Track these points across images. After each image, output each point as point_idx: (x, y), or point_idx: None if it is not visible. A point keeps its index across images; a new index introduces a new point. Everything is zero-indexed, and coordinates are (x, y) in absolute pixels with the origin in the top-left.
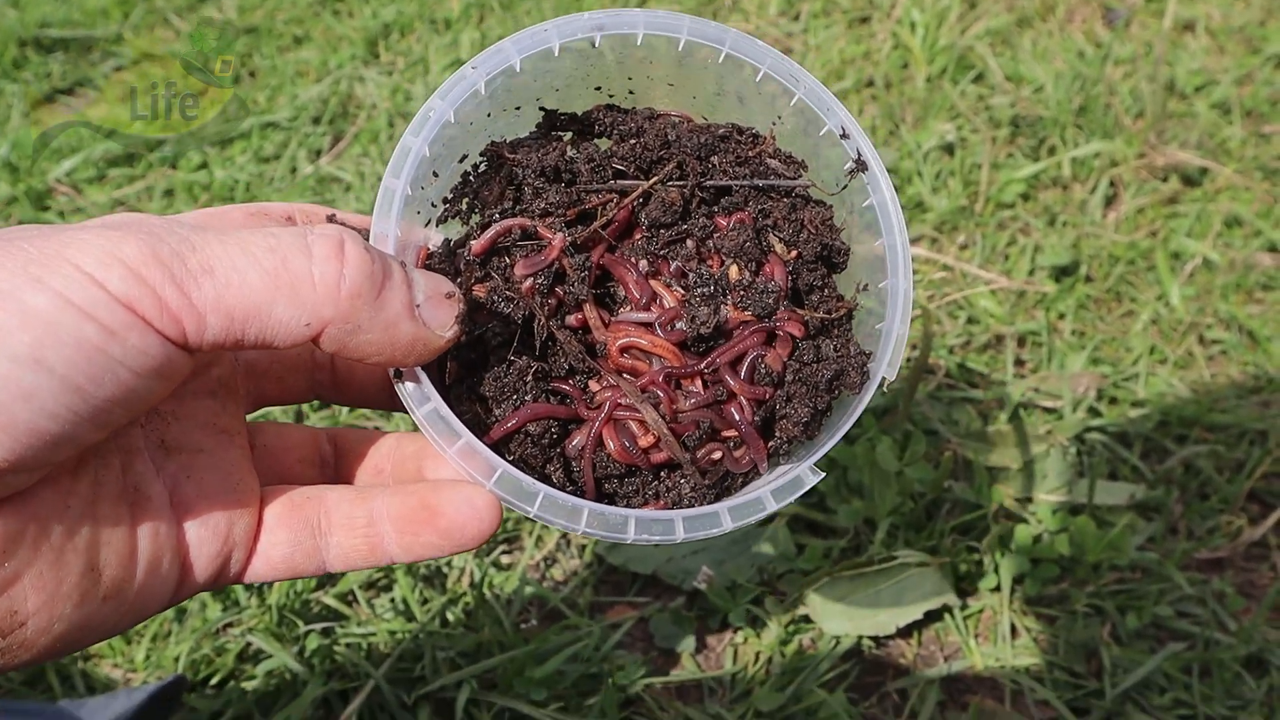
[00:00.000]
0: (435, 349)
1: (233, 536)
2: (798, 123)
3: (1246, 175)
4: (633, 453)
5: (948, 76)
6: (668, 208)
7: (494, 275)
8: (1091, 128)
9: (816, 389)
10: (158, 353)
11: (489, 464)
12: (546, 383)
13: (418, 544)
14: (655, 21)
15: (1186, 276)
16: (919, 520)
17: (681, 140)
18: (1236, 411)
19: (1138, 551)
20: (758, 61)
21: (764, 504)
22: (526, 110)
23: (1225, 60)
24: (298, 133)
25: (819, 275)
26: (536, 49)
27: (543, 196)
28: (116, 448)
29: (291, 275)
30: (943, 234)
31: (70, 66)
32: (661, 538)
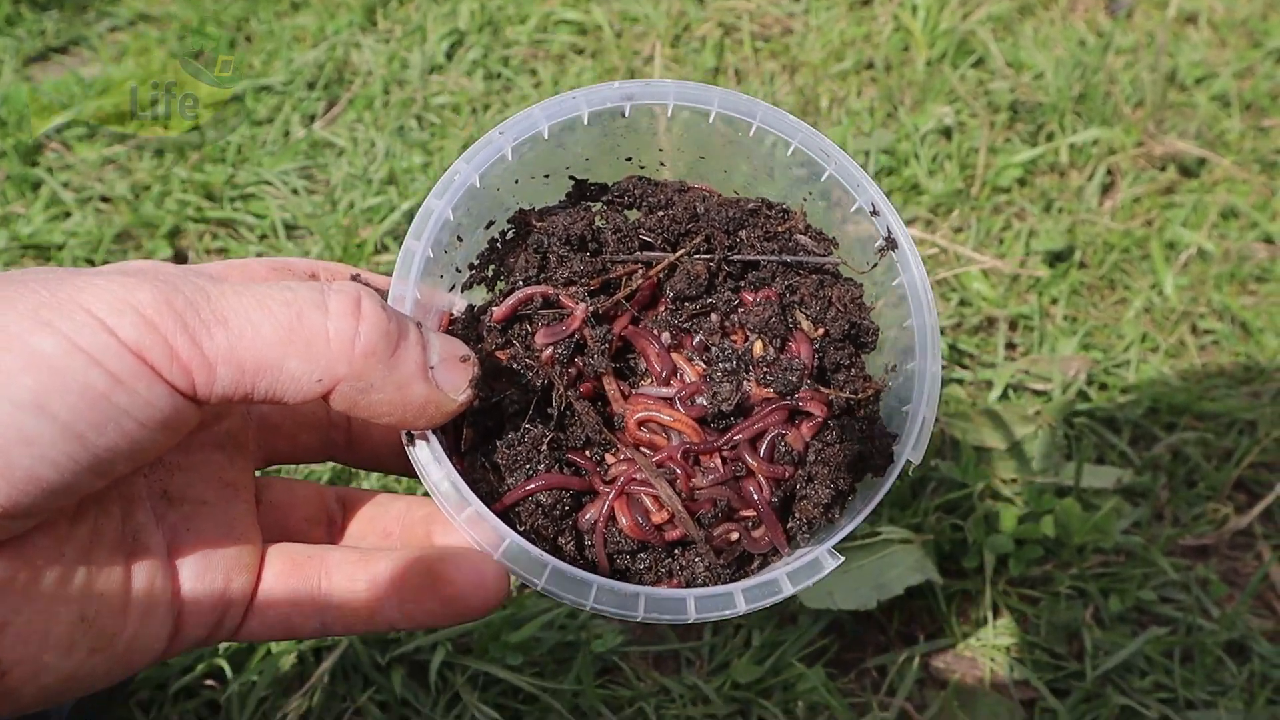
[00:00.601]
0: (448, 412)
1: (230, 592)
2: (828, 199)
3: (1244, 167)
4: (646, 529)
5: (948, 60)
6: (693, 280)
7: (515, 342)
8: (1091, 115)
9: (839, 470)
10: (165, 404)
11: (497, 533)
12: (561, 453)
13: (420, 611)
14: (685, 94)
15: (1181, 266)
16: (904, 498)
17: (710, 214)
18: (1226, 401)
19: (1123, 535)
20: (789, 136)
21: (780, 586)
22: (555, 178)
23: (1226, 53)
24: (292, 97)
25: (846, 354)
26: (564, 116)
27: (567, 265)
28: (117, 495)
29: (306, 330)
30: (938, 216)
31: (64, 25)
32: (672, 618)
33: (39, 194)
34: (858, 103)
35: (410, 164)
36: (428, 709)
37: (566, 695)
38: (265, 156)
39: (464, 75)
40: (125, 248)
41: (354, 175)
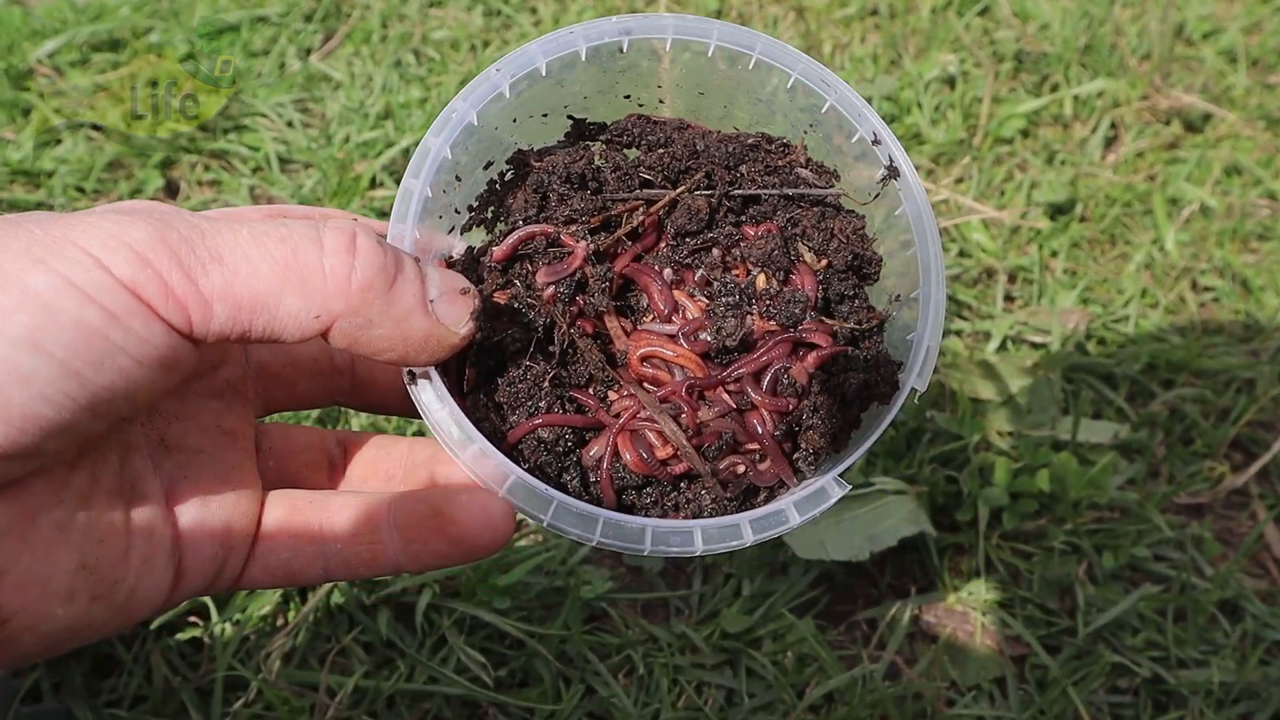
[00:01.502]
0: (450, 346)
1: (230, 540)
2: (829, 129)
3: (1249, 123)
4: (650, 464)
5: (954, 8)
6: (694, 215)
7: (515, 282)
8: (1096, 67)
9: (844, 400)
10: (161, 341)
11: (502, 470)
12: (564, 390)
13: (425, 552)
14: (684, 26)
15: (1183, 221)
16: (899, 449)
17: (710, 150)
18: (1225, 358)
19: (1118, 491)
20: (789, 68)
21: (787, 517)
22: (554, 118)
23: (1235, 7)
24: (288, 28)
25: (850, 285)
26: (562, 52)
27: (567, 203)
28: (114, 443)
29: (302, 266)
30: (939, 166)
31: None
32: (679, 550)
33: (29, 120)
34: (861, 49)
35: (408, 99)
36: (413, 651)
37: (554, 641)
38: (260, 88)
39: (463, 10)
40: (116, 176)
41: (350, 109)
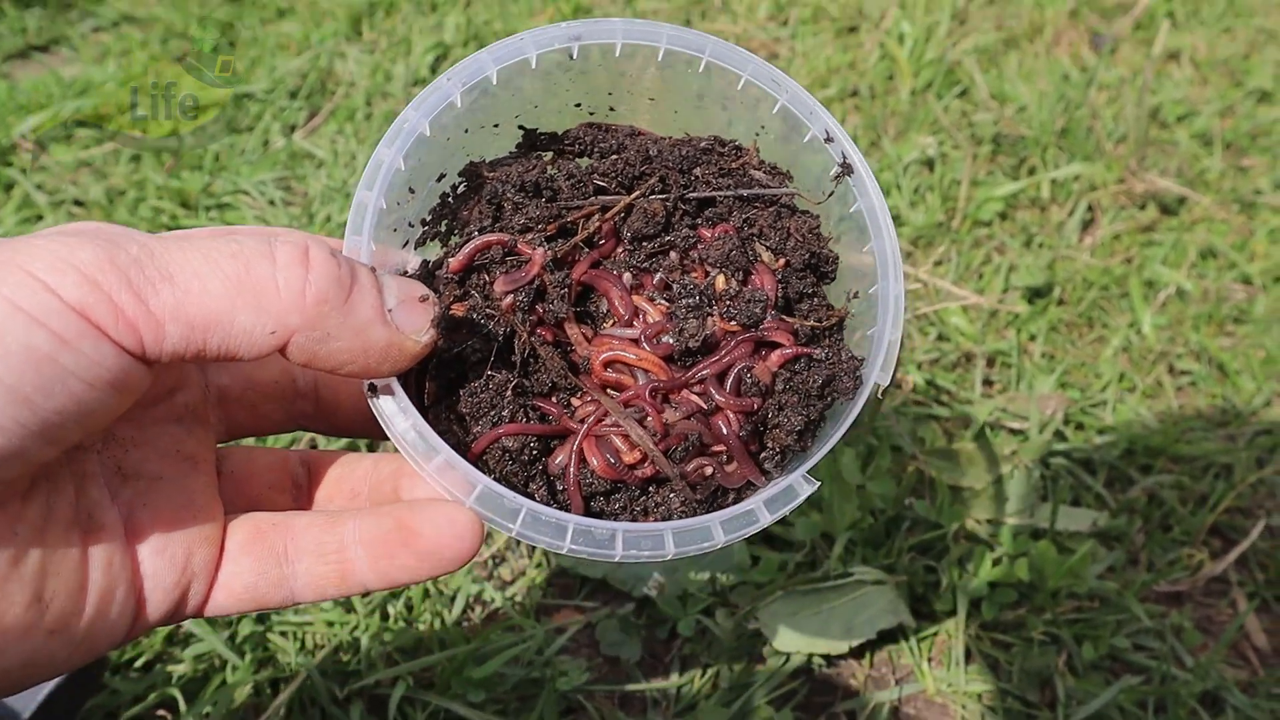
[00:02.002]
0: (412, 355)
1: (191, 566)
2: (781, 130)
3: (1224, 206)
4: (618, 468)
5: (933, 90)
6: (650, 219)
7: (473, 293)
8: (1073, 150)
9: (809, 396)
10: (113, 363)
11: (468, 480)
12: (527, 400)
13: (393, 568)
14: (634, 30)
15: (1159, 305)
16: (878, 537)
17: (663, 155)
18: (1203, 444)
19: (1097, 580)
20: (739, 69)
21: (757, 516)
22: (505, 128)
23: (1208, 91)
24: (273, 105)
25: (809, 283)
26: (512, 60)
27: (522, 212)
28: (70, 473)
29: (255, 282)
30: (918, 249)
31: (47, 23)
32: (651, 553)
33: (11, 195)
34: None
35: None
36: None
37: None
38: (244, 165)
39: None
40: None
41: (333, 188)
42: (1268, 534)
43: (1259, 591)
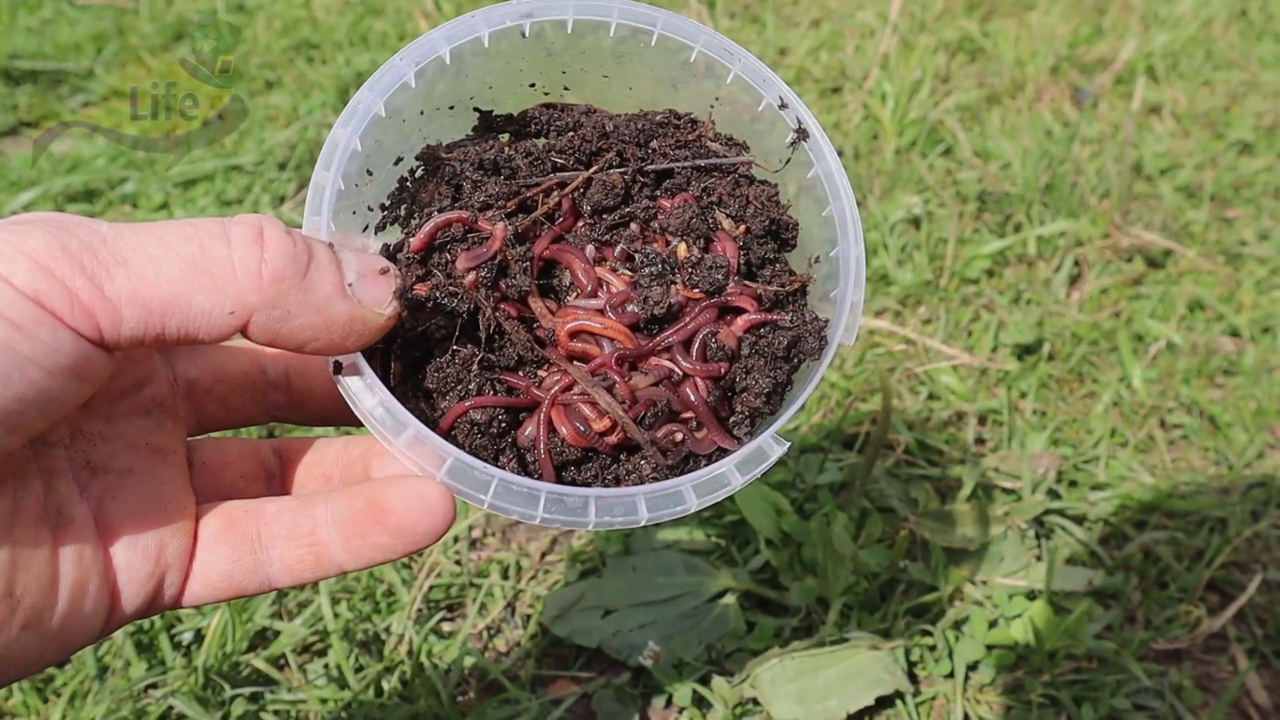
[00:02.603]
0: (377, 328)
1: (165, 557)
2: (737, 100)
3: (1209, 258)
4: (588, 436)
5: (917, 149)
6: (609, 191)
7: (435, 272)
8: (1058, 206)
9: (775, 359)
10: (70, 349)
11: (438, 453)
12: (494, 374)
13: (367, 546)
14: (585, 5)
15: (1149, 359)
16: (873, 601)
17: (620, 130)
18: (1197, 498)
19: (1095, 640)
20: (691, 40)
21: (728, 479)
22: (461, 111)
23: (1190, 144)
24: (262, 177)
25: (770, 249)
26: (465, 38)
27: (481, 190)
28: (38, 469)
29: (210, 263)
30: (906, 308)
31: (38, 99)
32: (624, 520)
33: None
34: None
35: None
36: None
37: None
38: None
39: None
40: None
41: None
42: (1265, 588)
43: (1259, 647)
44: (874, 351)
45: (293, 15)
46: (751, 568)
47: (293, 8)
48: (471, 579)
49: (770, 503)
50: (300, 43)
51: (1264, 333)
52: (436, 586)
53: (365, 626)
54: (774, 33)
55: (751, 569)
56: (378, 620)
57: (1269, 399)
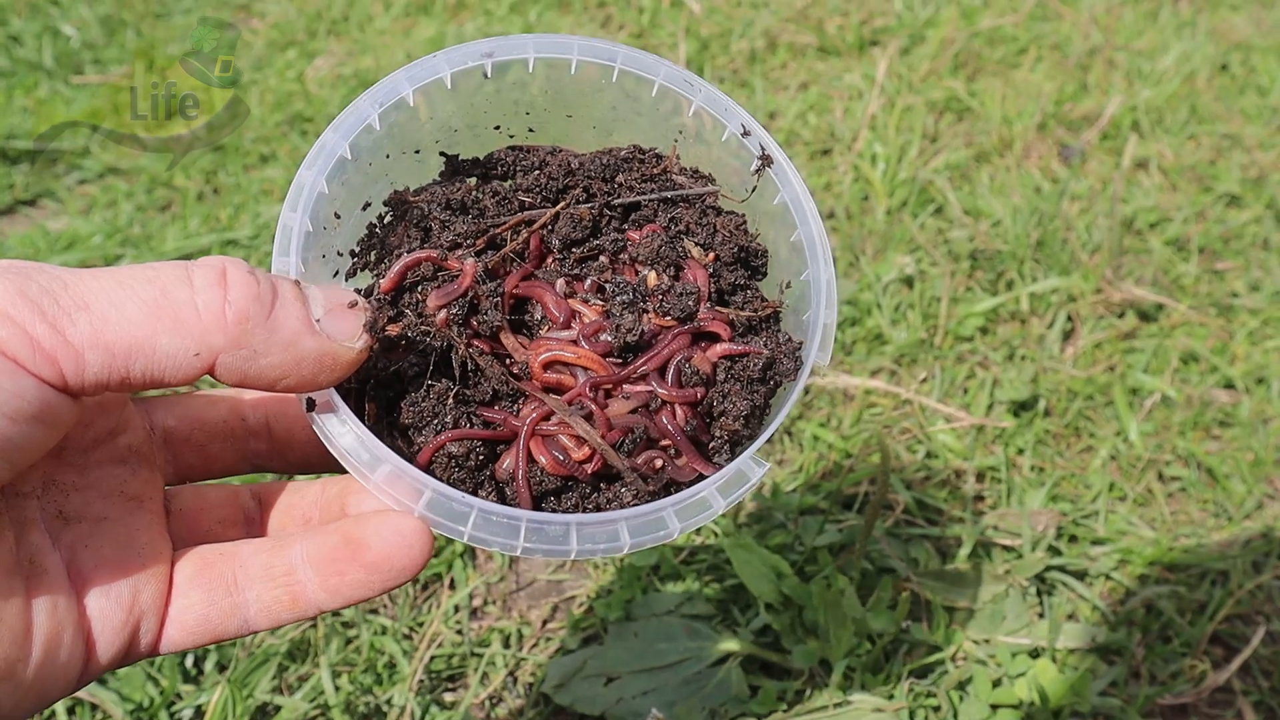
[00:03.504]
0: (348, 362)
1: (139, 605)
2: (699, 131)
3: (1201, 311)
4: (567, 464)
5: (908, 209)
6: (577, 223)
7: (406, 312)
8: (1049, 262)
9: (751, 381)
10: (33, 396)
11: (415, 487)
12: (470, 408)
13: (344, 584)
14: (544, 44)
15: (1145, 413)
16: (876, 662)
17: (585, 166)
18: (1197, 551)
19: (1100, 697)
20: (651, 74)
21: (710, 503)
22: (428, 156)
23: (1178, 197)
24: (258, 251)
25: (740, 276)
26: (428, 79)
27: (450, 229)
28: (9, 520)
29: (173, 305)
30: (902, 367)
31: (34, 178)
32: (606, 548)
33: None
34: None
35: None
36: None
37: None
38: None
39: None
40: None
41: None
42: (1269, 640)
43: (1265, 700)
44: (871, 411)
45: (286, 89)
46: (753, 629)
47: (286, 82)
48: (473, 648)
49: (770, 565)
50: (294, 116)
51: (1258, 384)
52: (438, 656)
53: (367, 699)
54: (763, 96)
55: (753, 630)
56: (379, 692)
57: (1266, 450)
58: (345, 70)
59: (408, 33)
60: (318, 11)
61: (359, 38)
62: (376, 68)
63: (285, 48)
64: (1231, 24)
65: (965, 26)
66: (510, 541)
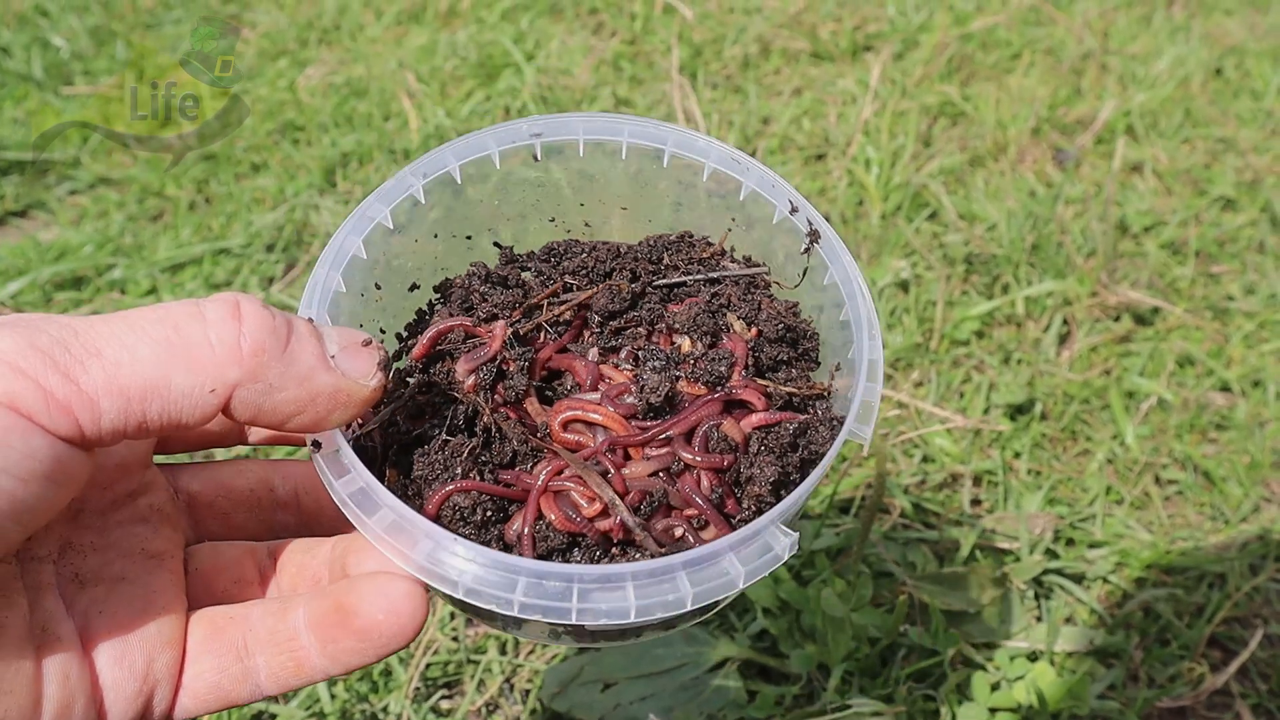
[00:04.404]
0: (362, 400)
1: (153, 673)
2: (750, 217)
3: (1196, 314)
4: (576, 521)
5: (902, 214)
6: (615, 295)
7: (437, 380)
8: (1044, 266)
9: (783, 449)
10: (46, 455)
11: (412, 537)
12: (487, 469)
13: (340, 651)
14: (594, 125)
15: (1141, 416)
16: (874, 666)
17: (634, 251)
18: (1194, 554)
19: (1098, 700)
20: (702, 156)
21: (734, 581)
22: (480, 242)
23: (1173, 201)
24: (250, 260)
25: (786, 353)
26: (473, 155)
27: (489, 300)
28: (23, 585)
29: (186, 342)
30: (898, 371)
31: (25, 189)
32: (609, 616)
33: None
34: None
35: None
36: None
37: None
38: None
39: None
40: None
41: None
42: (1267, 643)
43: (1263, 703)
44: None
45: (277, 99)
46: (751, 633)
47: (277, 91)
48: (469, 655)
49: None
50: (285, 125)
51: (1254, 386)
52: (434, 664)
53: (363, 707)
54: (756, 102)
55: (751, 635)
56: (375, 700)
57: (1262, 452)
58: (337, 79)
59: (399, 41)
60: (309, 20)
61: (350, 46)
62: (368, 76)
63: (276, 57)
64: (1225, 28)
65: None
66: (506, 596)
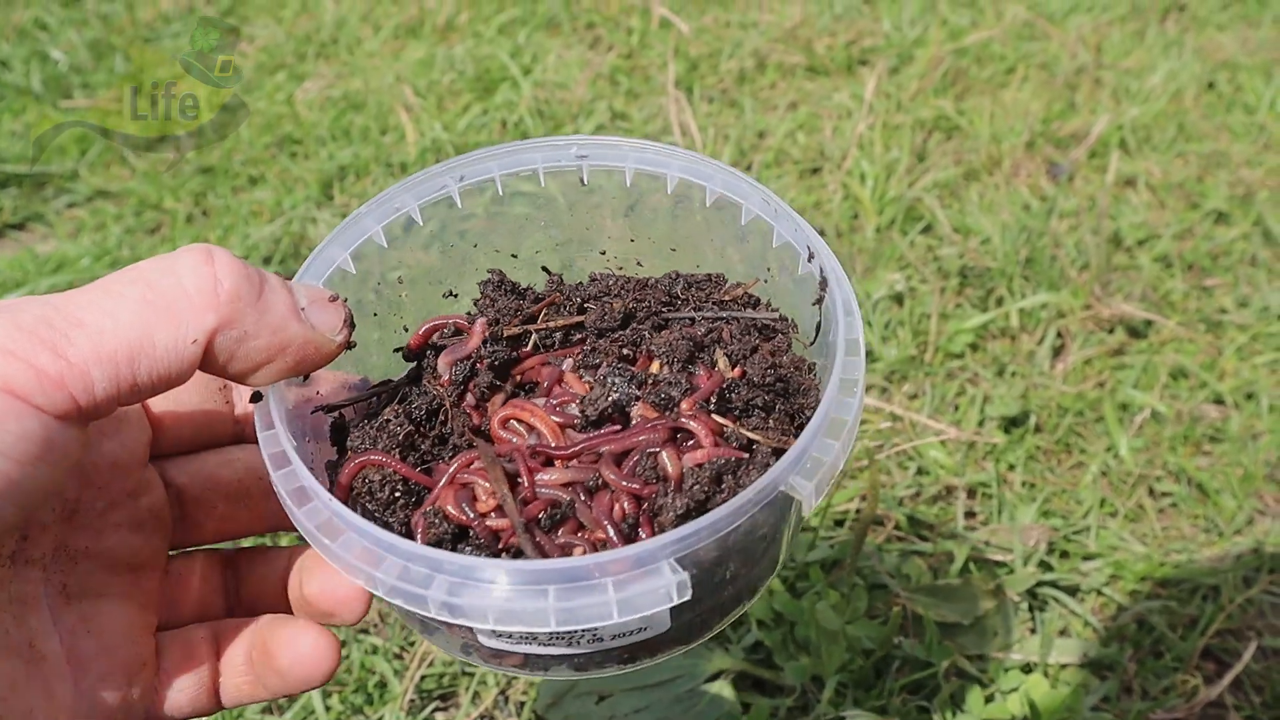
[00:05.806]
0: (328, 354)
1: (131, 695)
2: (782, 263)
3: (1190, 327)
4: (466, 513)
5: (897, 227)
6: (606, 313)
7: (425, 370)
8: (1038, 279)
9: (701, 482)
10: (39, 435)
11: (314, 505)
12: (424, 455)
13: (272, 684)
14: (645, 158)
15: (1135, 428)
16: (868, 678)
17: (655, 283)
18: (1188, 566)
19: (1092, 712)
20: (744, 198)
21: (607, 608)
22: (524, 263)
23: (1166, 214)
24: None
25: (766, 399)
26: (519, 168)
27: (494, 305)
28: (10, 598)
29: (163, 298)
30: (892, 384)
31: (23, 202)
32: (468, 616)
33: None
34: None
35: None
36: None
37: None
38: None
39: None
40: None
41: None
42: (1260, 655)
43: (1256, 715)
44: (861, 428)
45: (275, 112)
46: (745, 645)
47: (275, 104)
48: (464, 667)
49: None
50: (283, 138)
51: (1247, 399)
52: (429, 676)
53: (358, 719)
54: (752, 116)
55: (745, 647)
56: (370, 712)
57: (1255, 465)
58: (334, 92)
59: (397, 55)
60: (306, 34)
61: (348, 60)
62: (365, 90)
63: (274, 71)
64: (1218, 43)
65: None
66: (372, 571)
